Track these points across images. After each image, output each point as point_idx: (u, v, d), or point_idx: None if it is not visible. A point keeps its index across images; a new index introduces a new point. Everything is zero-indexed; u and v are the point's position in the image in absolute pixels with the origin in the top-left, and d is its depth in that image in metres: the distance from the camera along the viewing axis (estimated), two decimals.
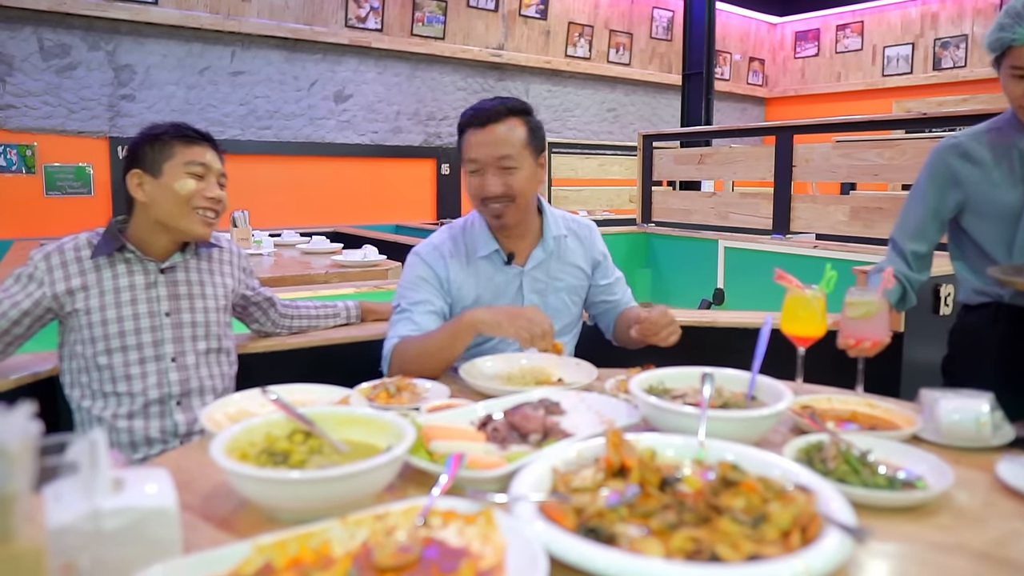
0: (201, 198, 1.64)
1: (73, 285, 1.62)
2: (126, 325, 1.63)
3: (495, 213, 1.80)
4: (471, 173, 1.80)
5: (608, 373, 1.68)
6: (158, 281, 1.68)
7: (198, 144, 1.66)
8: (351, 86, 7.49)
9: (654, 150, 4.83)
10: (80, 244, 1.66)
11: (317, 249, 4.66)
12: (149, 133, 1.66)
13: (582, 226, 2.03)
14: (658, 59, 10.24)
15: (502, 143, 1.76)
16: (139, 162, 1.64)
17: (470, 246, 1.89)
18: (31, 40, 5.72)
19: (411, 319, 1.80)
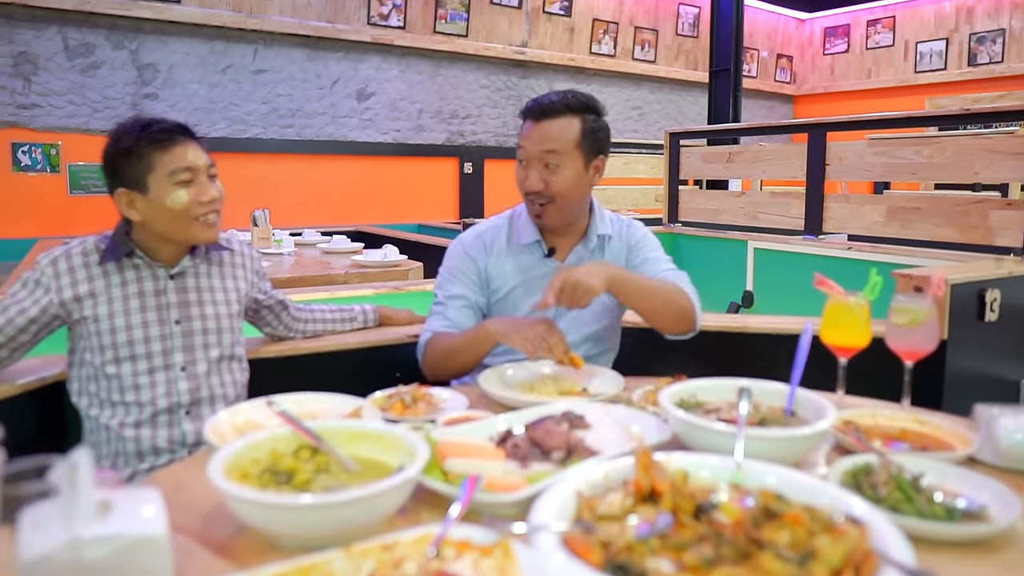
0: (197, 205, 1.55)
1: (81, 292, 1.56)
2: (135, 334, 1.57)
3: (535, 211, 1.79)
4: (519, 162, 1.78)
5: (636, 383, 1.59)
6: (168, 287, 1.63)
7: (176, 145, 1.53)
8: (373, 84, 7.46)
9: (681, 148, 4.72)
10: (88, 249, 1.60)
11: (337, 249, 4.62)
12: (120, 146, 1.53)
13: (623, 224, 1.96)
14: (684, 56, 10.10)
15: (550, 139, 1.72)
16: (122, 179, 1.54)
17: (514, 233, 1.88)
18: (56, 39, 5.75)
19: (444, 314, 1.82)
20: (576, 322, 1.87)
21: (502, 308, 1.86)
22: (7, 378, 1.65)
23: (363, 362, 2.05)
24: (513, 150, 1.92)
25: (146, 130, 1.53)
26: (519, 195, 1.90)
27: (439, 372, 1.76)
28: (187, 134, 1.57)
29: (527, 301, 1.84)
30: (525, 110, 1.77)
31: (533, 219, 1.81)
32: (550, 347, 1.52)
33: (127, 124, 1.56)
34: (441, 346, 1.75)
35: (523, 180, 1.76)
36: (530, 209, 1.80)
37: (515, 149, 1.81)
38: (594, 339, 1.90)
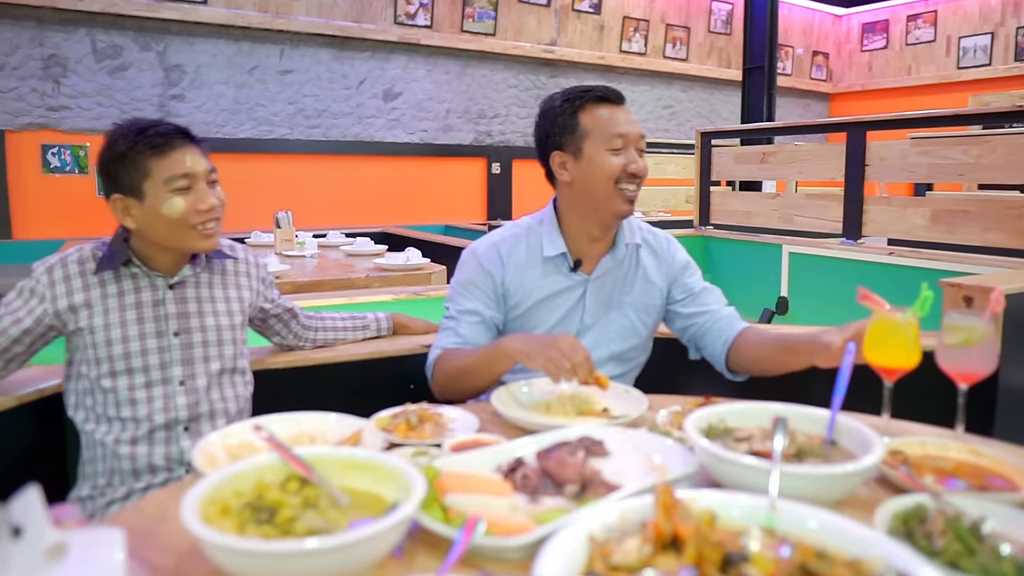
0: (194, 213, 1.47)
1: (76, 301, 1.49)
2: (132, 346, 1.50)
3: (631, 198, 1.66)
4: (612, 151, 1.64)
5: (661, 402, 1.48)
6: (166, 298, 1.55)
7: (173, 150, 1.46)
8: (400, 84, 7.41)
9: (713, 148, 4.57)
10: (84, 256, 1.53)
11: (360, 251, 4.55)
12: (116, 151, 1.45)
13: (659, 237, 1.83)
14: (716, 54, 9.90)
15: (639, 123, 1.68)
16: (117, 185, 1.46)
17: (534, 245, 1.75)
18: (84, 41, 5.78)
19: (456, 330, 1.70)
20: (602, 339, 1.75)
21: (521, 325, 1.74)
22: (3, 390, 1.59)
23: (375, 374, 1.97)
24: None
25: (142, 134, 1.45)
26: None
27: (449, 393, 1.66)
28: (186, 138, 1.49)
29: (549, 318, 1.73)
30: (598, 96, 1.67)
31: (622, 208, 1.66)
32: (575, 367, 1.40)
33: (123, 127, 1.48)
34: (452, 365, 1.64)
35: (626, 165, 1.63)
36: (623, 199, 1.65)
37: None
38: (620, 359, 1.78)
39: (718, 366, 1.76)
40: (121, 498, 1.48)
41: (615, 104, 1.67)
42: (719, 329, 1.74)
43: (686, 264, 1.83)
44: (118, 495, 1.48)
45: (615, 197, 1.65)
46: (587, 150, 1.65)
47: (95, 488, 1.50)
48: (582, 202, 1.70)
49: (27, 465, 1.66)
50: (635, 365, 1.84)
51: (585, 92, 1.67)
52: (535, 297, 1.72)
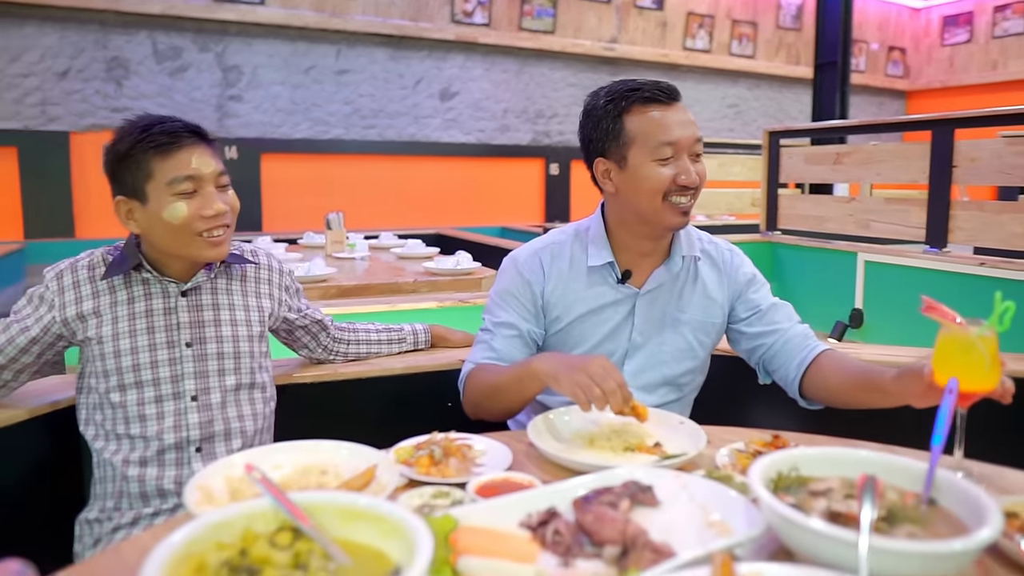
0: (199, 220, 1.35)
1: (84, 309, 1.39)
2: (141, 358, 1.39)
3: (685, 210, 1.47)
4: (660, 160, 1.44)
5: (720, 436, 1.30)
6: (178, 305, 1.43)
7: (178, 149, 1.34)
8: (457, 83, 7.34)
9: (781, 148, 4.31)
10: (95, 261, 1.43)
11: (411, 254, 4.45)
12: (118, 149, 1.35)
13: (721, 248, 1.64)
14: (785, 50, 9.53)
15: (695, 125, 1.46)
16: (120, 186, 1.37)
17: (579, 254, 1.58)
18: (146, 44, 5.87)
19: (490, 344, 1.56)
20: (654, 360, 1.58)
21: (563, 341, 1.59)
22: (15, 402, 1.50)
23: (409, 390, 1.83)
24: None
25: (146, 132, 1.33)
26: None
27: (481, 412, 1.52)
28: (195, 137, 1.37)
29: (593, 335, 1.56)
30: (645, 96, 1.45)
31: (675, 221, 1.47)
32: (606, 394, 1.23)
33: (129, 124, 1.37)
34: (483, 382, 1.50)
35: (678, 175, 1.43)
36: (675, 212, 1.46)
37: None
38: (674, 383, 1.61)
39: (791, 392, 1.55)
40: (128, 524, 1.38)
41: (666, 104, 1.44)
42: (791, 350, 1.53)
43: (752, 278, 1.62)
44: (125, 520, 1.38)
45: (665, 211, 1.46)
46: (632, 160, 1.46)
47: (103, 511, 1.41)
48: (628, 214, 1.53)
49: (42, 481, 1.57)
50: (691, 390, 1.66)
51: (631, 92, 1.46)
52: (578, 311, 1.56)
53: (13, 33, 5.63)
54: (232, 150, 6.12)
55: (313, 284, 3.25)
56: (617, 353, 1.57)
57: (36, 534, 1.52)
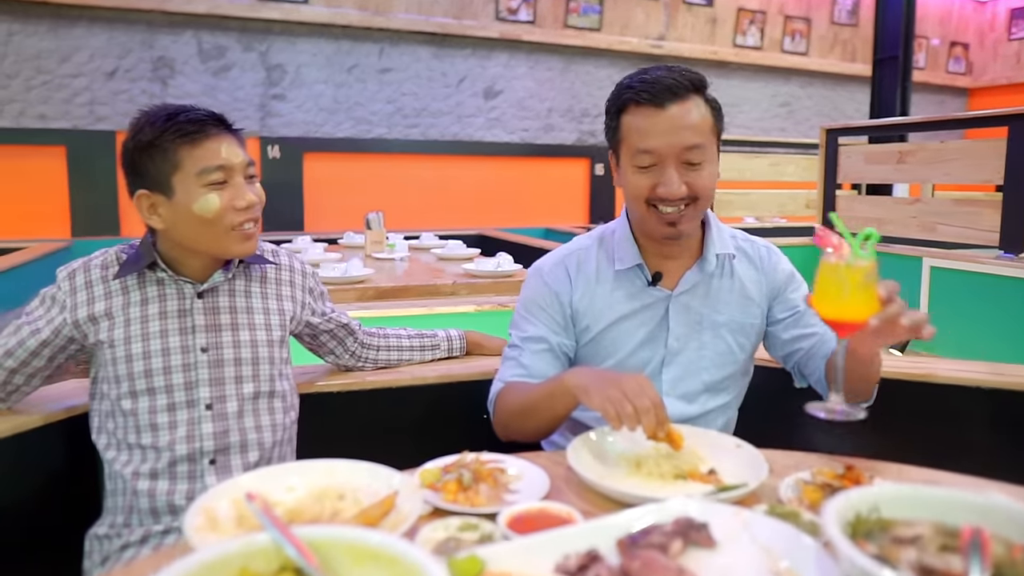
0: (232, 212, 1.28)
1: (96, 311, 1.32)
2: (153, 363, 1.32)
3: (671, 220, 1.36)
4: (640, 168, 1.35)
5: (780, 462, 1.16)
6: (194, 307, 1.35)
7: (207, 139, 1.27)
8: (501, 82, 7.25)
9: (840, 147, 4.10)
10: (108, 260, 1.36)
11: (451, 255, 4.37)
12: (141, 139, 1.28)
13: (757, 246, 1.53)
14: (840, 47, 9.21)
15: (689, 130, 1.32)
16: (143, 179, 1.29)
17: (605, 259, 1.48)
18: (191, 43, 5.91)
19: (519, 360, 1.46)
20: (693, 367, 1.46)
21: (595, 352, 1.47)
22: (29, 407, 1.44)
23: (442, 400, 1.72)
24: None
25: (172, 120, 1.26)
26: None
27: (512, 433, 1.40)
28: (221, 125, 1.31)
29: (627, 343, 1.44)
30: (630, 97, 1.34)
31: (663, 231, 1.37)
32: (639, 412, 1.11)
33: (150, 112, 1.30)
34: (514, 401, 1.39)
35: (650, 186, 1.34)
36: (660, 222, 1.36)
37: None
38: (715, 389, 1.48)
39: (817, 388, 1.47)
40: (137, 542, 1.30)
41: (658, 107, 1.32)
42: (826, 355, 1.41)
43: (790, 276, 1.51)
44: (134, 538, 1.30)
45: (650, 218, 1.37)
46: (622, 161, 1.39)
47: (112, 527, 1.33)
48: (631, 213, 1.46)
49: (56, 489, 1.50)
50: (735, 395, 1.53)
51: (627, 89, 1.36)
52: (608, 318, 1.45)
53: (64, 34, 5.71)
54: (275, 149, 6.12)
55: (349, 285, 3.18)
56: (654, 361, 1.45)
57: (48, 547, 1.45)
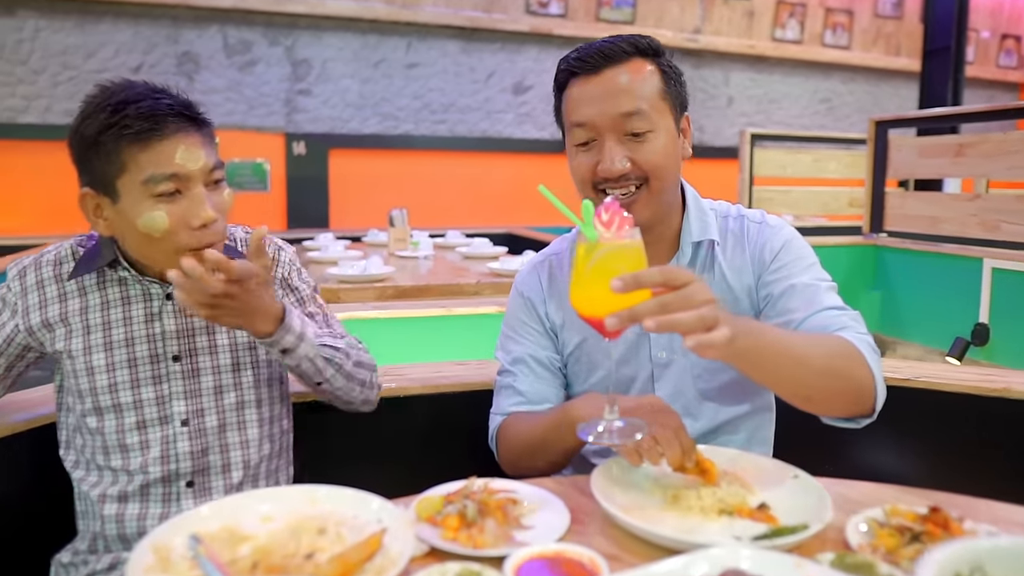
0: (184, 231, 1.07)
1: (50, 316, 1.16)
2: (118, 376, 1.15)
3: (624, 202, 1.17)
4: (579, 147, 1.19)
5: (842, 493, 0.98)
6: (163, 311, 1.18)
7: (159, 139, 1.05)
8: (531, 77, 7.10)
9: (890, 141, 3.86)
10: (62, 256, 1.19)
11: (477, 253, 4.22)
12: (83, 132, 1.07)
13: (748, 222, 1.28)
14: (884, 40, 8.87)
15: (625, 95, 1.15)
16: (88, 175, 1.10)
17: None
18: (216, 38, 5.86)
19: (514, 387, 1.28)
20: (687, 377, 1.25)
21: (575, 372, 1.30)
22: None
23: (456, 408, 1.56)
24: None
25: (118, 113, 1.05)
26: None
27: (520, 470, 1.21)
28: (182, 120, 1.08)
29: (603, 361, 1.26)
30: (566, 68, 1.20)
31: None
32: (661, 442, 0.95)
33: (98, 98, 1.08)
34: (519, 438, 1.22)
35: (595, 166, 1.17)
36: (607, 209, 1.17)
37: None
38: (717, 399, 1.26)
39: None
40: (104, 570, 1.15)
41: (587, 75, 1.18)
42: None
43: (776, 253, 1.23)
44: (101, 566, 1.15)
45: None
46: (568, 143, 1.24)
47: (76, 554, 1.18)
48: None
49: (24, 508, 1.35)
50: (764, 403, 1.29)
51: (564, 60, 1.22)
52: (580, 334, 1.27)
53: (90, 30, 5.69)
54: (300, 145, 6.03)
55: (368, 284, 3.05)
56: (640, 378, 1.26)
57: (12, 573, 1.31)
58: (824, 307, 1.14)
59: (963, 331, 3.10)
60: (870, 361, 1.05)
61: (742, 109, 8.16)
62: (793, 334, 1.05)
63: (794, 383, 1.01)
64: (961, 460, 1.43)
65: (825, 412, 1.09)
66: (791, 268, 1.21)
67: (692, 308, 0.83)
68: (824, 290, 1.17)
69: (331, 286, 2.97)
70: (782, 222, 1.28)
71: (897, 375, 1.53)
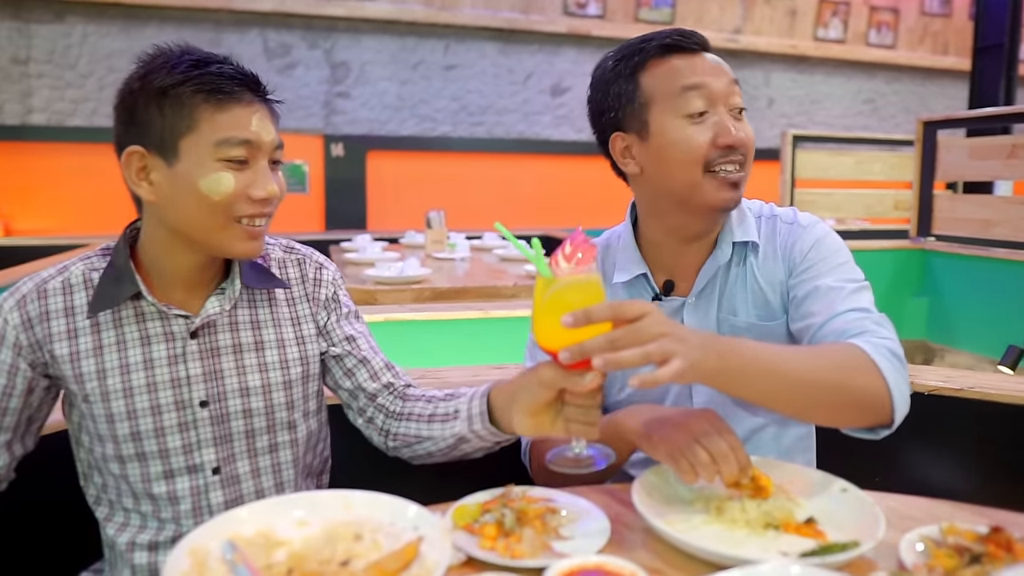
0: (244, 201, 1.01)
1: (59, 353, 1.03)
2: (141, 424, 1.05)
3: (734, 180, 1.12)
4: (692, 119, 1.11)
5: (891, 506, 0.94)
6: (186, 353, 1.07)
7: (236, 103, 1.00)
8: (569, 78, 7.09)
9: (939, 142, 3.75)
10: (72, 281, 1.06)
11: (514, 255, 4.20)
12: (151, 82, 0.99)
13: (780, 223, 1.22)
14: (931, 39, 8.66)
15: (728, 72, 1.15)
16: (140, 132, 1.00)
17: (609, 270, 1.26)
18: (256, 41, 5.96)
19: None
20: None
21: (610, 382, 1.24)
22: None
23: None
24: None
25: (199, 69, 0.99)
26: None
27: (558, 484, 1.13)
28: (258, 93, 1.03)
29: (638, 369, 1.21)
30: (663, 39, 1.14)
31: (723, 197, 1.13)
32: (715, 459, 0.92)
33: (168, 53, 1.02)
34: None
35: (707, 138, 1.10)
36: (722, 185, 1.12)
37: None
38: (749, 406, 1.21)
39: None
40: None
41: (690, 51, 1.14)
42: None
43: (806, 253, 1.17)
44: None
45: (707, 186, 1.11)
46: (654, 124, 1.13)
47: None
48: (661, 200, 1.18)
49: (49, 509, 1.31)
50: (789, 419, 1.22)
51: (645, 43, 1.15)
52: None
53: (135, 34, 5.82)
54: (339, 147, 6.09)
55: (405, 286, 3.05)
56: (675, 386, 1.21)
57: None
58: (844, 310, 1.08)
59: (1016, 339, 2.98)
60: (883, 369, 0.99)
61: (782, 110, 8.03)
62: (783, 349, 0.99)
63: (783, 400, 0.96)
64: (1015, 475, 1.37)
65: (831, 424, 1.04)
66: (818, 269, 1.16)
67: (640, 344, 0.81)
68: (849, 293, 1.11)
69: (368, 287, 2.98)
70: (814, 220, 1.22)
71: (949, 385, 1.48)
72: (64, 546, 1.26)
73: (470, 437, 1.10)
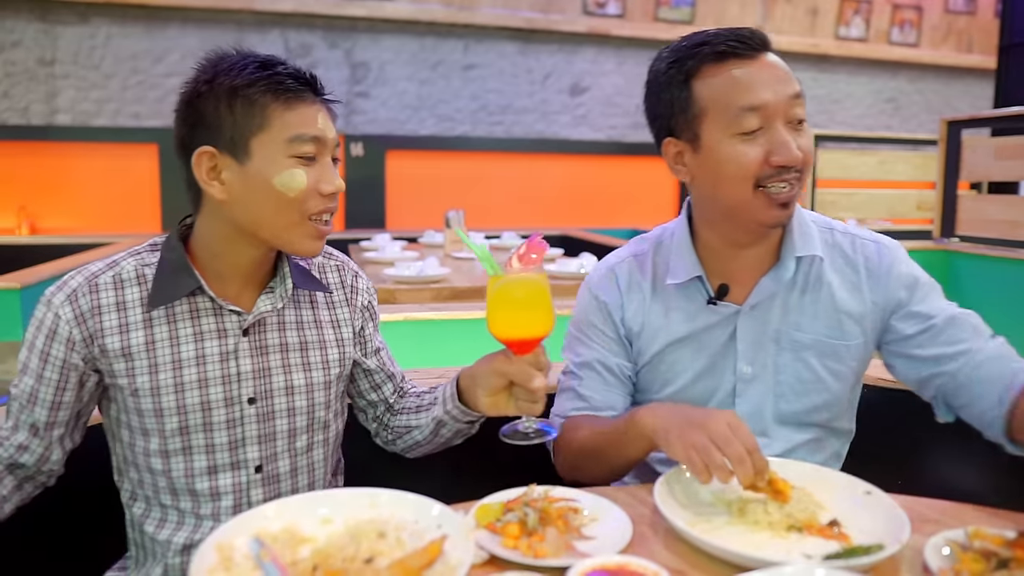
0: (315, 196, 1.04)
1: (111, 347, 1.04)
2: (191, 419, 1.06)
3: (785, 199, 1.09)
4: (744, 136, 1.08)
5: (917, 511, 0.94)
6: (239, 349, 1.09)
7: (303, 102, 1.03)
8: (588, 78, 7.06)
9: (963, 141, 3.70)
10: (124, 276, 1.06)
11: None
12: (221, 83, 1.01)
13: (861, 242, 1.21)
14: (955, 37, 8.54)
15: (791, 79, 1.10)
16: (210, 132, 1.03)
17: (661, 266, 1.23)
18: (278, 42, 6.00)
19: (576, 391, 1.25)
20: (771, 396, 1.20)
21: (651, 379, 1.25)
22: None
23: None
24: None
25: (268, 70, 1.02)
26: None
27: (578, 476, 1.20)
28: (318, 90, 1.08)
29: (687, 368, 1.21)
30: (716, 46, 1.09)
31: (773, 216, 1.10)
32: (731, 461, 0.91)
33: (232, 57, 1.04)
34: (579, 442, 1.18)
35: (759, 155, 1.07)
36: (772, 203, 1.09)
37: None
38: (797, 423, 1.21)
39: (991, 433, 1.10)
40: None
41: (747, 58, 1.09)
42: (986, 378, 1.09)
43: (914, 281, 1.18)
44: None
45: (756, 204, 1.09)
46: (706, 137, 1.11)
47: None
48: (711, 209, 1.18)
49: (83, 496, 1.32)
50: (831, 434, 1.23)
51: (699, 47, 1.11)
52: (663, 340, 1.21)
53: (158, 35, 5.88)
54: (358, 147, 6.12)
55: (424, 285, 3.07)
56: (721, 391, 1.21)
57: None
58: (987, 335, 1.14)
59: None
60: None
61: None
62: None
63: None
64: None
65: None
66: (936, 295, 1.19)
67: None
68: (970, 316, 1.17)
69: (387, 287, 2.99)
70: (893, 241, 1.23)
71: None
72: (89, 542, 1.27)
73: (446, 420, 1.17)
